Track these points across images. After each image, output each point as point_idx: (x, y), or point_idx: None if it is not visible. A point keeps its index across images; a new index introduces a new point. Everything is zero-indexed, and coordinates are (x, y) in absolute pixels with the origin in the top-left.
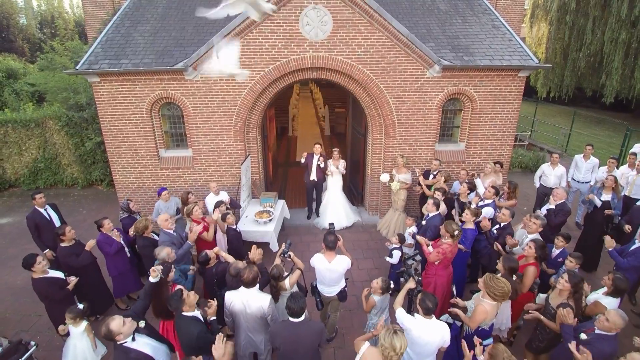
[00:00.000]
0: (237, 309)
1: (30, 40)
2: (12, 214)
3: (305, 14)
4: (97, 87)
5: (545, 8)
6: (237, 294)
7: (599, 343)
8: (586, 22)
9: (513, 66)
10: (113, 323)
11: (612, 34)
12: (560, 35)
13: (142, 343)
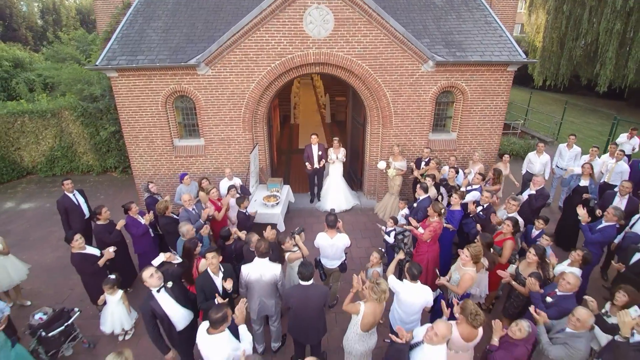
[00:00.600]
0: (253, 278)
1: (32, 28)
2: (32, 200)
3: (309, 13)
4: (116, 81)
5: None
6: (252, 265)
7: (562, 302)
8: (583, 11)
9: (502, 62)
10: (144, 272)
11: (607, 24)
12: (557, 25)
13: (163, 298)
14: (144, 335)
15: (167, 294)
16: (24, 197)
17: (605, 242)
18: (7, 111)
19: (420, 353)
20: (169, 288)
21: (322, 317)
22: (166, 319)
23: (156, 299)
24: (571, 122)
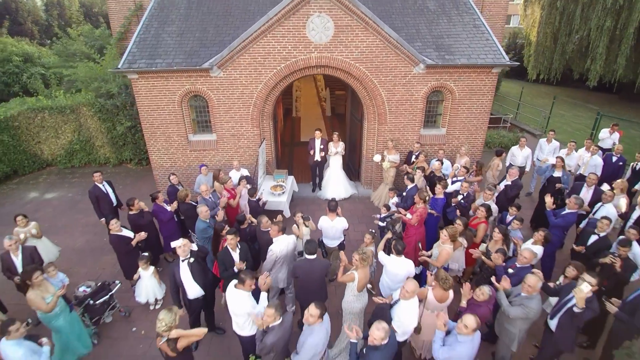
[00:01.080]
0: (282, 253)
1: (38, 22)
2: (55, 190)
3: (311, 20)
4: (136, 82)
5: None
6: (277, 243)
7: (520, 272)
8: (576, 7)
9: (487, 64)
10: (176, 241)
11: (598, 21)
12: (551, 20)
13: (183, 269)
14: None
15: (187, 267)
16: (46, 187)
17: (566, 226)
18: (27, 107)
19: (398, 307)
20: (190, 263)
21: (324, 285)
22: (181, 285)
23: (179, 267)
24: (561, 116)
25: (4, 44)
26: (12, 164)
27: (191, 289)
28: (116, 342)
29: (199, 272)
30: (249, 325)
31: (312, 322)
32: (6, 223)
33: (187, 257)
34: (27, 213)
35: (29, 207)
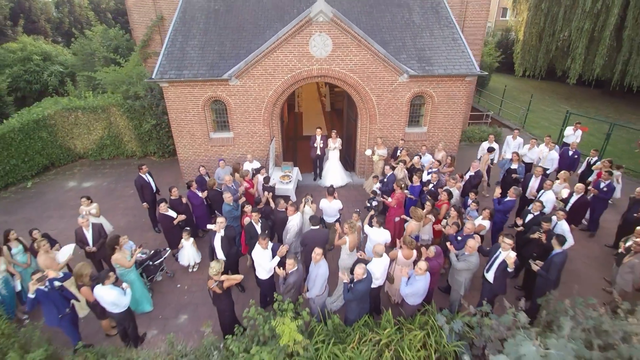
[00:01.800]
0: (297, 228)
1: (50, 20)
2: (90, 179)
3: (313, 39)
4: (166, 89)
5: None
6: (293, 220)
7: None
8: (559, 10)
9: (461, 74)
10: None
11: (579, 23)
12: (536, 21)
13: (217, 238)
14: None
15: (219, 238)
16: (82, 177)
17: (506, 210)
18: (62, 107)
19: (370, 263)
20: (222, 236)
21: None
22: (213, 249)
23: (214, 237)
24: (543, 111)
25: (24, 44)
26: (50, 157)
27: (219, 253)
28: (166, 295)
29: (225, 244)
30: (267, 273)
31: (318, 260)
32: (53, 207)
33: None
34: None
35: (70, 194)
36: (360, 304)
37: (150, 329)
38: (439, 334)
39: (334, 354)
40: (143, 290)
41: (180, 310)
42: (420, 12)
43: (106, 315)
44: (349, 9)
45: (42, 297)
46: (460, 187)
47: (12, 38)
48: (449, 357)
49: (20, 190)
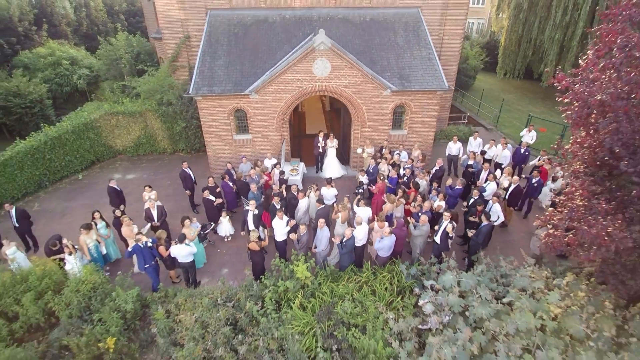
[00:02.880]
0: (305, 208)
1: (70, 23)
2: (132, 172)
3: (316, 62)
4: (200, 102)
5: (508, 3)
6: (303, 201)
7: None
8: (535, 20)
9: (432, 89)
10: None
11: (550, 33)
12: (515, 29)
13: (249, 214)
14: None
15: (251, 215)
16: (124, 170)
17: (455, 195)
18: (105, 111)
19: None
20: (254, 214)
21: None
22: (245, 222)
23: (248, 213)
24: (518, 111)
25: (52, 49)
26: (96, 154)
27: (250, 225)
28: (210, 256)
29: (256, 219)
30: (283, 236)
31: (322, 226)
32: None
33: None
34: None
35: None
36: (349, 256)
37: (203, 278)
38: (401, 276)
39: (331, 287)
40: (201, 251)
41: (222, 266)
42: (404, 34)
43: (175, 266)
44: (345, 33)
45: (137, 251)
46: (427, 179)
47: (38, 42)
48: (407, 291)
49: (73, 181)
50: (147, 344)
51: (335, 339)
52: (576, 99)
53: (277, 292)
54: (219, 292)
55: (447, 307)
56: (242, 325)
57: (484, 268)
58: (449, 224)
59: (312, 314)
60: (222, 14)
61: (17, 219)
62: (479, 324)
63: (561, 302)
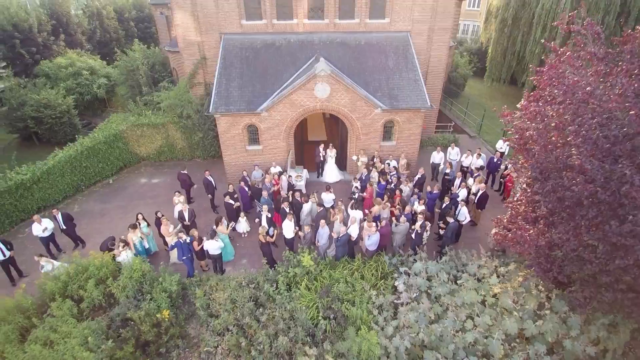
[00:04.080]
0: (308, 210)
1: (84, 32)
2: (156, 177)
3: (317, 86)
4: (218, 119)
5: (495, 17)
6: (307, 205)
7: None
8: (518, 34)
9: (417, 107)
10: (265, 207)
11: (531, 48)
12: (501, 41)
13: (264, 216)
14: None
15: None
16: (148, 175)
17: (433, 199)
18: (131, 123)
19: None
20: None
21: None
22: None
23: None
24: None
25: (72, 60)
26: (123, 160)
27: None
28: None
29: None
30: (291, 234)
31: (323, 225)
32: (137, 198)
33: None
34: (144, 193)
35: (145, 188)
36: (342, 248)
37: (227, 267)
38: (384, 265)
39: (329, 273)
40: (230, 245)
41: (241, 257)
42: (394, 57)
43: (205, 257)
44: (343, 55)
45: (178, 245)
46: (410, 185)
47: (56, 52)
48: (389, 276)
49: (105, 185)
50: (189, 316)
51: (332, 311)
52: (516, 131)
53: (287, 277)
54: (242, 277)
55: (415, 287)
56: (262, 301)
57: (447, 259)
58: (422, 223)
59: (315, 293)
60: (234, 38)
61: (63, 222)
62: (438, 299)
63: (501, 284)
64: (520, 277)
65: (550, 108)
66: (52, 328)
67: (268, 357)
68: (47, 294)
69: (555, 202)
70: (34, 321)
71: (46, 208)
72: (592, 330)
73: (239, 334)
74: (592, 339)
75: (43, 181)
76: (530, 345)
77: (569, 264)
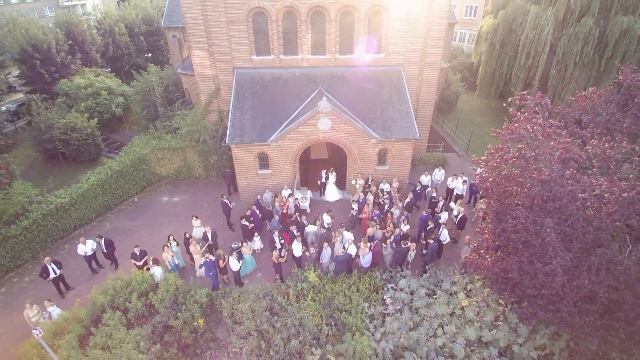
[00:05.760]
0: (312, 232)
1: (98, 50)
2: (176, 195)
3: (320, 120)
4: (234, 149)
5: (485, 39)
6: (311, 227)
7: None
8: (505, 58)
9: (408, 138)
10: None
11: (517, 72)
12: (490, 63)
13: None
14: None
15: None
16: (169, 193)
17: (422, 219)
18: (153, 147)
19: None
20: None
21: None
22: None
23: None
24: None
25: (91, 80)
26: (146, 180)
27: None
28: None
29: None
30: (299, 253)
31: (326, 247)
32: (161, 215)
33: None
34: (167, 210)
35: (168, 205)
36: (341, 265)
37: (245, 280)
38: (376, 280)
39: (331, 287)
40: (252, 261)
41: (257, 271)
42: (388, 91)
43: (227, 272)
44: (342, 88)
45: (205, 264)
46: (401, 207)
47: (74, 70)
48: (380, 289)
49: (131, 203)
50: (216, 323)
51: (333, 319)
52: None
53: (296, 290)
54: (259, 290)
55: (400, 300)
56: (276, 311)
57: (427, 276)
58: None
59: (319, 304)
60: (246, 72)
61: (105, 246)
62: (417, 311)
63: (468, 298)
64: (485, 293)
65: (505, 165)
66: (108, 335)
67: (283, 356)
68: (98, 306)
69: (505, 240)
70: (91, 330)
71: (81, 226)
72: (537, 338)
73: (259, 338)
74: (538, 345)
75: (79, 203)
76: (486, 349)
77: (518, 287)
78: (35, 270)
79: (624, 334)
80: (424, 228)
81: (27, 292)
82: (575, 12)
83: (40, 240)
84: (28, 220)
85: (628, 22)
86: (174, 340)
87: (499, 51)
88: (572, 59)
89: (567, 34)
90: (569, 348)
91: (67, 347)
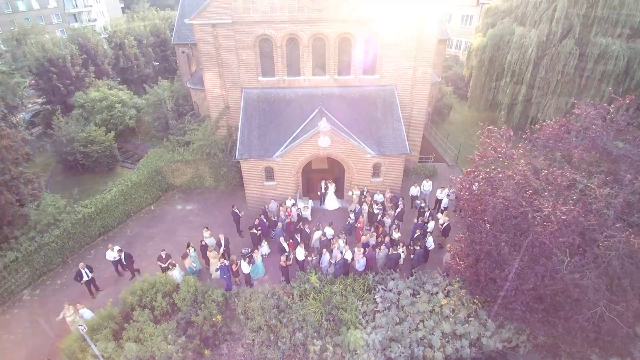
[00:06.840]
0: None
1: (109, 62)
2: (189, 204)
3: (320, 138)
4: (242, 163)
5: (475, 55)
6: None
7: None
8: (494, 73)
9: (398, 154)
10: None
11: (504, 87)
12: (480, 77)
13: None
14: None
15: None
16: (182, 202)
17: (415, 228)
18: (168, 160)
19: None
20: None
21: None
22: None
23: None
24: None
25: (105, 94)
26: (161, 190)
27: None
28: None
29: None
30: (302, 256)
31: (325, 252)
32: (177, 223)
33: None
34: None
35: (183, 213)
36: (339, 268)
37: (255, 281)
38: (369, 281)
39: (329, 288)
40: (261, 265)
41: (264, 274)
42: (382, 109)
43: (238, 275)
44: (340, 106)
45: (221, 268)
46: (392, 214)
47: (88, 83)
48: (372, 290)
49: (148, 211)
50: (231, 319)
51: (331, 315)
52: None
53: (299, 290)
54: (268, 290)
55: (388, 299)
56: (282, 308)
57: (412, 278)
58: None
59: (319, 302)
60: (253, 92)
61: (125, 259)
62: (402, 308)
63: (446, 298)
64: (461, 293)
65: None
66: (139, 329)
67: (289, 347)
68: (128, 305)
69: (473, 250)
70: (123, 325)
71: (105, 233)
72: (503, 332)
73: (268, 331)
74: (504, 338)
75: (103, 212)
76: (459, 340)
77: (486, 289)
78: (66, 273)
79: (562, 328)
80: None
81: (60, 294)
82: (557, 33)
83: (70, 246)
84: (59, 228)
85: (606, 43)
86: (196, 333)
87: (487, 67)
88: (555, 77)
89: (550, 53)
90: (529, 341)
91: (104, 340)
